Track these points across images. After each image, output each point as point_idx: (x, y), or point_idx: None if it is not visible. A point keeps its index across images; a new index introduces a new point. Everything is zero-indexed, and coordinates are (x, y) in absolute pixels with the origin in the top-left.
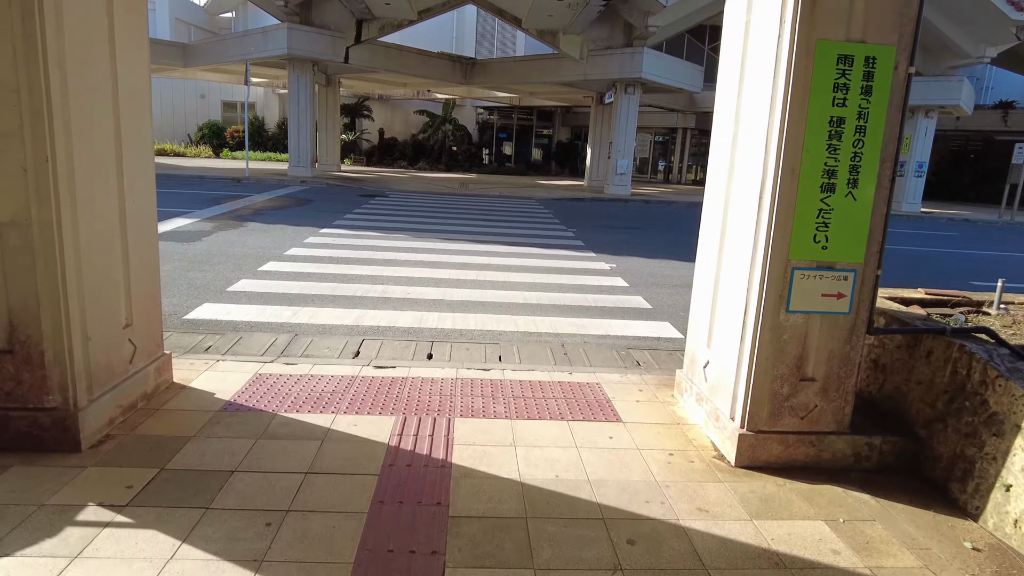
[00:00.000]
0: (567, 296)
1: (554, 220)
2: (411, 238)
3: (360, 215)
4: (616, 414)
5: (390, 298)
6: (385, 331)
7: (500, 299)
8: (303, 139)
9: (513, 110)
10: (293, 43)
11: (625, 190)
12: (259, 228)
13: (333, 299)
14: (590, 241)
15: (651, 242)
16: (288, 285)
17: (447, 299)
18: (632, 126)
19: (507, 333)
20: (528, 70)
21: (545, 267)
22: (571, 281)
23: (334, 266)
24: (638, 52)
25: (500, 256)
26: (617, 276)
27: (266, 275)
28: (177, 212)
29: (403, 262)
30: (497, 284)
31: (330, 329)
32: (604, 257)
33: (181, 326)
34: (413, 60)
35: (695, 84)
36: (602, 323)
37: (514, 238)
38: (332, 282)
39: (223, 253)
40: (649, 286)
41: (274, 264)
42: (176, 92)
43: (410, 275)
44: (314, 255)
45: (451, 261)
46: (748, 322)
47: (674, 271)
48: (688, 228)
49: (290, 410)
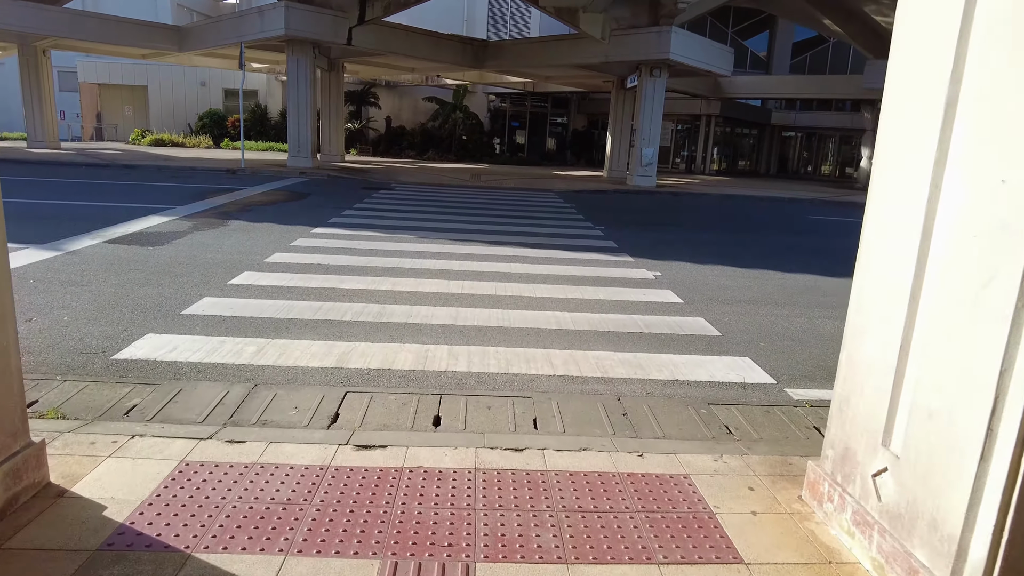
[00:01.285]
0: (610, 318)
1: (577, 215)
2: (417, 239)
3: (360, 211)
4: (729, 544)
5: (387, 323)
6: (377, 377)
7: (526, 323)
8: (303, 127)
9: (526, 97)
10: (291, 23)
11: (650, 181)
12: (242, 228)
13: (314, 326)
14: (623, 241)
15: (693, 242)
16: (261, 306)
17: (460, 324)
18: (658, 112)
19: (541, 379)
20: (545, 52)
21: (577, 276)
22: (611, 296)
23: (322, 278)
24: (665, 31)
25: (521, 262)
26: (665, 288)
27: (236, 291)
28: (153, 209)
29: (406, 271)
30: (521, 301)
31: (304, 375)
32: (644, 262)
33: (105, 371)
34: (421, 42)
35: (726, 67)
36: (663, 360)
37: (536, 238)
38: (317, 299)
39: (191, 261)
40: (708, 302)
41: (249, 275)
42: (176, 80)
43: (414, 289)
44: (300, 262)
45: (463, 269)
46: (1006, 427)
47: (731, 280)
48: (729, 225)
49: (216, 544)
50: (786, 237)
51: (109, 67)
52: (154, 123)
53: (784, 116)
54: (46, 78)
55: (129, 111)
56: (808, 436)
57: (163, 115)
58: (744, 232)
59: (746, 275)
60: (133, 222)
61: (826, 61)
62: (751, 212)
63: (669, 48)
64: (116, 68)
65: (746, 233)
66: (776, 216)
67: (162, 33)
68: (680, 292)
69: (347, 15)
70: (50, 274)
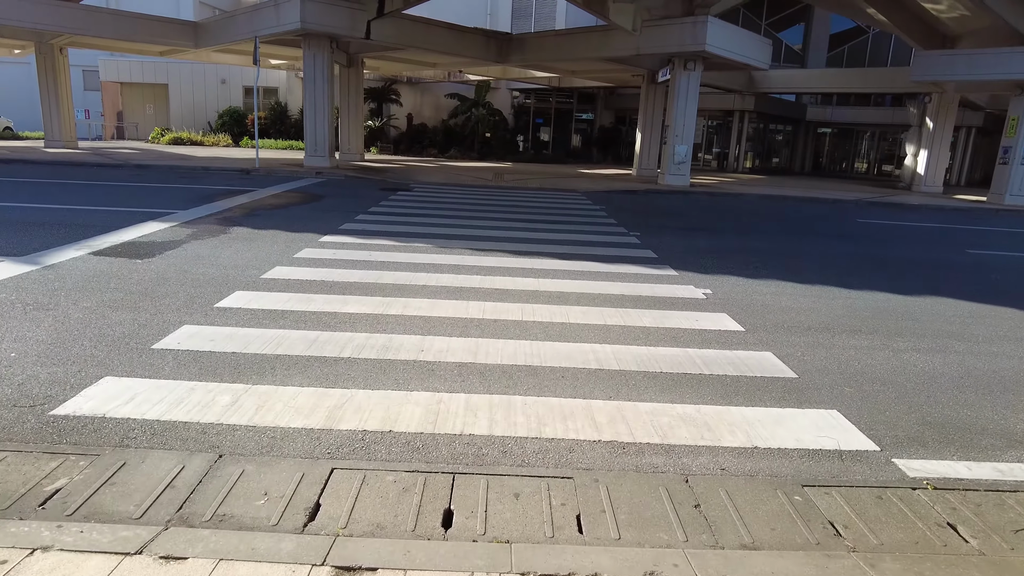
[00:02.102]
0: (661, 353)
1: (608, 219)
2: (434, 248)
3: (375, 215)
4: None
5: (393, 362)
6: (375, 443)
7: (560, 360)
8: (320, 125)
9: (551, 93)
10: (307, 16)
11: (683, 180)
12: (245, 235)
13: (306, 365)
14: (662, 250)
15: (739, 251)
16: (247, 337)
17: (480, 362)
18: (692, 107)
19: (582, 447)
20: (571, 45)
21: (615, 295)
22: (658, 321)
23: (324, 299)
24: (701, 21)
25: (551, 276)
26: (719, 310)
27: (223, 316)
28: (154, 214)
29: (420, 289)
30: (552, 330)
31: (284, 439)
32: (689, 276)
33: (36, 433)
34: (442, 35)
35: (763, 60)
36: (734, 416)
37: (564, 247)
38: (314, 328)
39: (180, 277)
40: (772, 330)
41: (241, 296)
42: (196, 77)
43: (428, 313)
44: (302, 278)
45: (485, 287)
46: None
47: (792, 300)
48: (775, 230)
49: None
50: (839, 244)
51: (130, 65)
52: (174, 121)
53: (820, 112)
54: (63, 76)
55: (150, 109)
56: (945, 541)
57: (183, 113)
58: (792, 238)
59: (807, 293)
60: (129, 229)
61: (865, 54)
62: (795, 215)
63: (705, 39)
64: (137, 66)
65: (795, 240)
66: (822, 219)
67: (178, 29)
68: (737, 316)
69: (365, 7)
70: (16, 295)
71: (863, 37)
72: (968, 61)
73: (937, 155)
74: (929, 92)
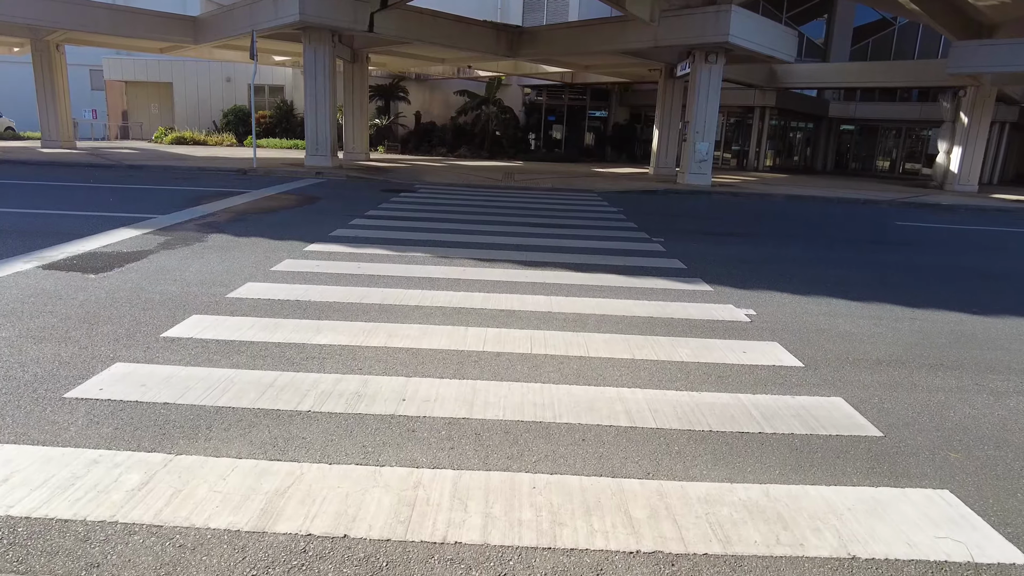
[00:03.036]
0: (706, 401)
1: (627, 223)
2: (432, 259)
3: (372, 220)
4: None
5: (364, 417)
6: (320, 558)
7: (580, 413)
8: (321, 124)
9: (564, 89)
10: (307, 8)
11: (705, 180)
12: (222, 245)
13: (252, 422)
14: (691, 259)
15: (777, 260)
16: (188, 379)
17: (476, 417)
18: (714, 102)
19: (614, 561)
20: (585, 38)
21: (642, 319)
22: (698, 354)
23: (294, 325)
24: (724, 10)
25: (565, 293)
26: (768, 338)
27: (167, 350)
28: (130, 219)
29: (411, 312)
30: (569, 367)
31: (196, 548)
32: (726, 293)
33: None
34: (450, 28)
35: (789, 52)
36: (814, 501)
37: (580, 256)
38: (273, 365)
39: (132, 297)
40: (837, 365)
41: (196, 322)
42: (201, 76)
43: (416, 344)
44: (274, 297)
45: (488, 308)
46: None
47: (851, 323)
48: (811, 235)
49: None
50: (884, 252)
51: (135, 64)
52: (179, 120)
53: (843, 108)
54: (60, 74)
55: (155, 109)
56: None
57: (188, 112)
58: (831, 244)
59: (865, 313)
60: (95, 237)
61: (890, 47)
62: (827, 217)
63: (728, 30)
64: (141, 65)
65: (834, 246)
66: (858, 222)
67: (177, 24)
68: (791, 344)
69: None
70: None
71: (888, 30)
72: (1012, 51)
73: (972, 152)
74: (964, 86)
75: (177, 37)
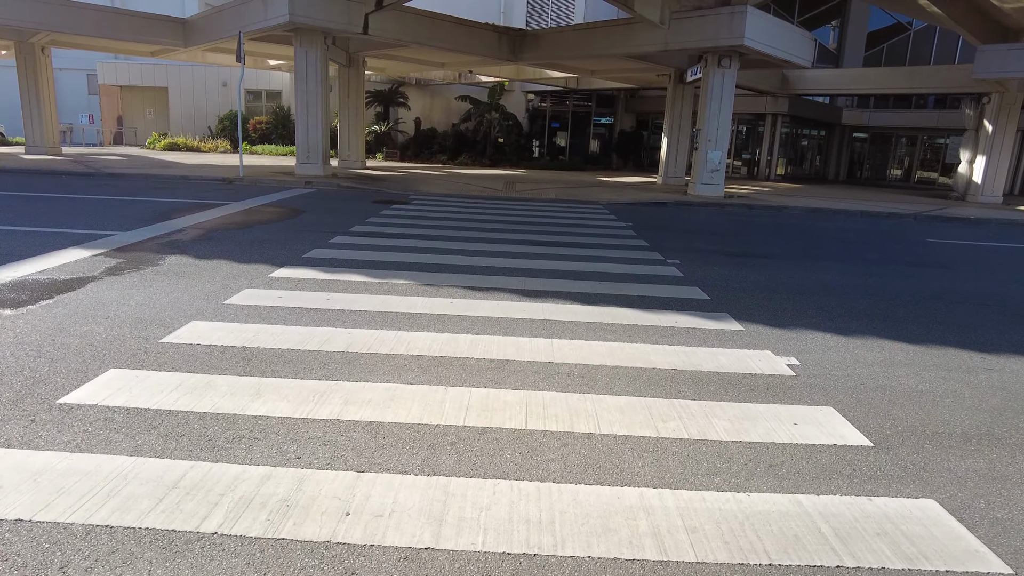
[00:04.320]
0: (758, 511)
1: (637, 240)
2: (416, 287)
3: (355, 238)
4: None
5: (289, 546)
6: None
7: (591, 536)
8: (313, 130)
9: (568, 95)
10: (297, 8)
11: (717, 190)
12: (178, 269)
13: (127, 558)
14: (712, 287)
15: (811, 289)
16: (62, 478)
17: (443, 547)
18: (727, 109)
19: None
20: (591, 40)
21: (664, 373)
22: (737, 428)
23: (229, 384)
24: (739, 12)
25: (570, 335)
26: (821, 400)
27: (54, 427)
28: (85, 237)
29: (379, 363)
30: (575, 449)
31: None
32: (759, 332)
33: None
34: (450, 31)
35: (805, 56)
36: None
37: (586, 282)
38: (183, 453)
39: (45, 342)
40: (917, 445)
41: (110, 379)
42: (196, 81)
43: (379, 415)
44: (215, 344)
45: (475, 357)
46: None
47: (923, 380)
48: (842, 255)
49: None
50: (927, 276)
51: (129, 68)
52: (174, 126)
53: (856, 115)
54: (45, 78)
55: (151, 114)
56: None
57: (183, 118)
58: (866, 266)
59: (928, 360)
60: (33, 260)
61: (905, 52)
62: (853, 233)
63: (743, 32)
64: (136, 69)
65: (870, 269)
66: (887, 239)
67: (166, 27)
68: (851, 412)
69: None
70: None
71: (903, 35)
72: None
73: (997, 161)
74: (989, 92)
75: (166, 40)
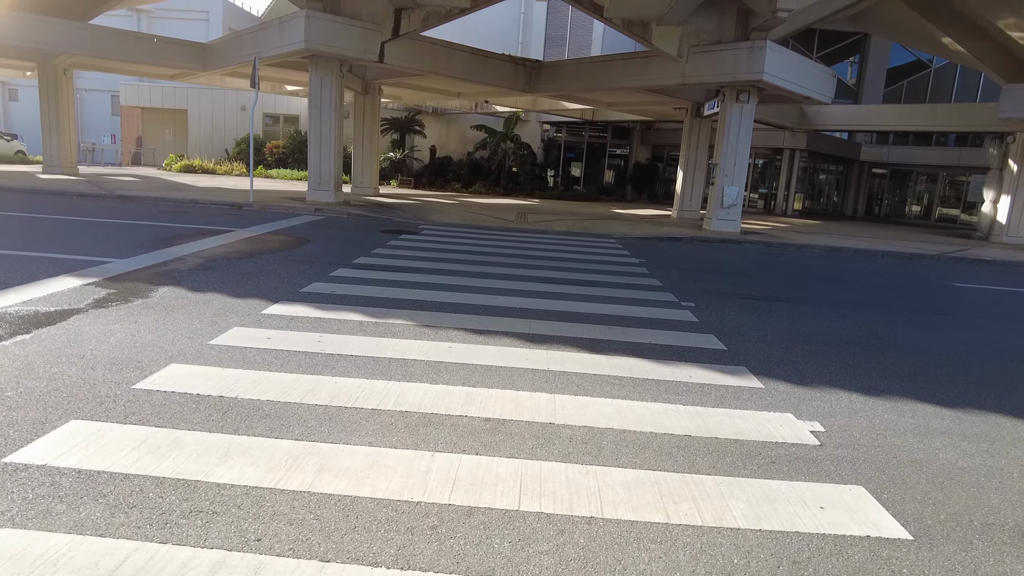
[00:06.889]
0: None
1: (650, 279)
2: (414, 329)
3: (358, 271)
4: None
5: None
6: None
7: None
8: (325, 156)
9: (584, 126)
10: (312, 35)
11: (733, 226)
12: (168, 303)
13: None
14: (729, 335)
15: (836, 339)
16: None
17: None
18: (744, 144)
19: None
20: (608, 73)
21: (677, 439)
22: (757, 515)
23: (197, 441)
24: (759, 47)
25: (574, 391)
26: (850, 479)
27: None
28: (80, 263)
29: (362, 420)
30: (572, 540)
31: None
32: (780, 390)
33: None
34: (466, 61)
35: (827, 93)
36: None
37: (595, 327)
38: (128, 532)
39: (9, 385)
40: (962, 536)
41: (68, 434)
42: (216, 103)
43: (352, 490)
44: (191, 392)
45: (468, 415)
46: None
47: (963, 455)
48: (865, 299)
49: None
50: (959, 326)
51: (150, 90)
52: (192, 148)
53: (875, 152)
54: (66, 99)
55: (169, 136)
56: None
57: (201, 140)
58: (893, 315)
59: (967, 430)
60: (19, 289)
61: (926, 89)
62: (876, 275)
63: (763, 67)
64: (157, 91)
65: (897, 318)
66: (912, 283)
67: (186, 51)
68: (885, 493)
69: (379, 27)
70: None
71: (924, 72)
72: None
73: (1023, 202)
74: (1014, 131)
75: (185, 64)
